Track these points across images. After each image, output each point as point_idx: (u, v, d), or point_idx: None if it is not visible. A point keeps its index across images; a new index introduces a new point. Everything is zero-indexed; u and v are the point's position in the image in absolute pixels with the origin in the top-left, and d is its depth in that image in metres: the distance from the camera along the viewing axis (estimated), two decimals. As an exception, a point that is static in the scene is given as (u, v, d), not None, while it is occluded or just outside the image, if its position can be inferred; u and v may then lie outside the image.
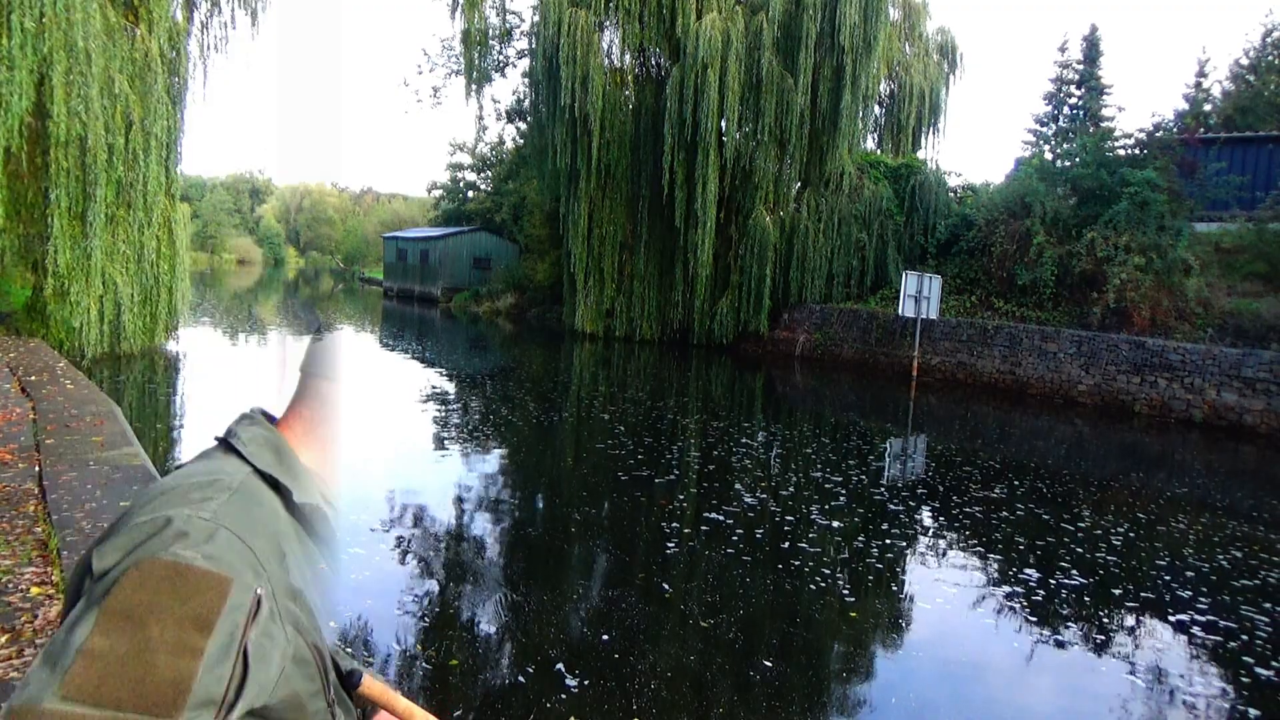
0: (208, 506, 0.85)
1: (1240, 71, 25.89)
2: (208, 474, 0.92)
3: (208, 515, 0.84)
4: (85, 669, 0.74)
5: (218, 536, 0.83)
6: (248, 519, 0.88)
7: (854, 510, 7.62)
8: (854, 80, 19.39)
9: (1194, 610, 5.56)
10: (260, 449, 0.99)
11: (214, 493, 0.88)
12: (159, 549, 0.80)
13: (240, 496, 0.90)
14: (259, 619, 0.82)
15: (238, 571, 0.82)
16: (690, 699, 4.18)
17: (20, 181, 12.24)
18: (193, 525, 0.83)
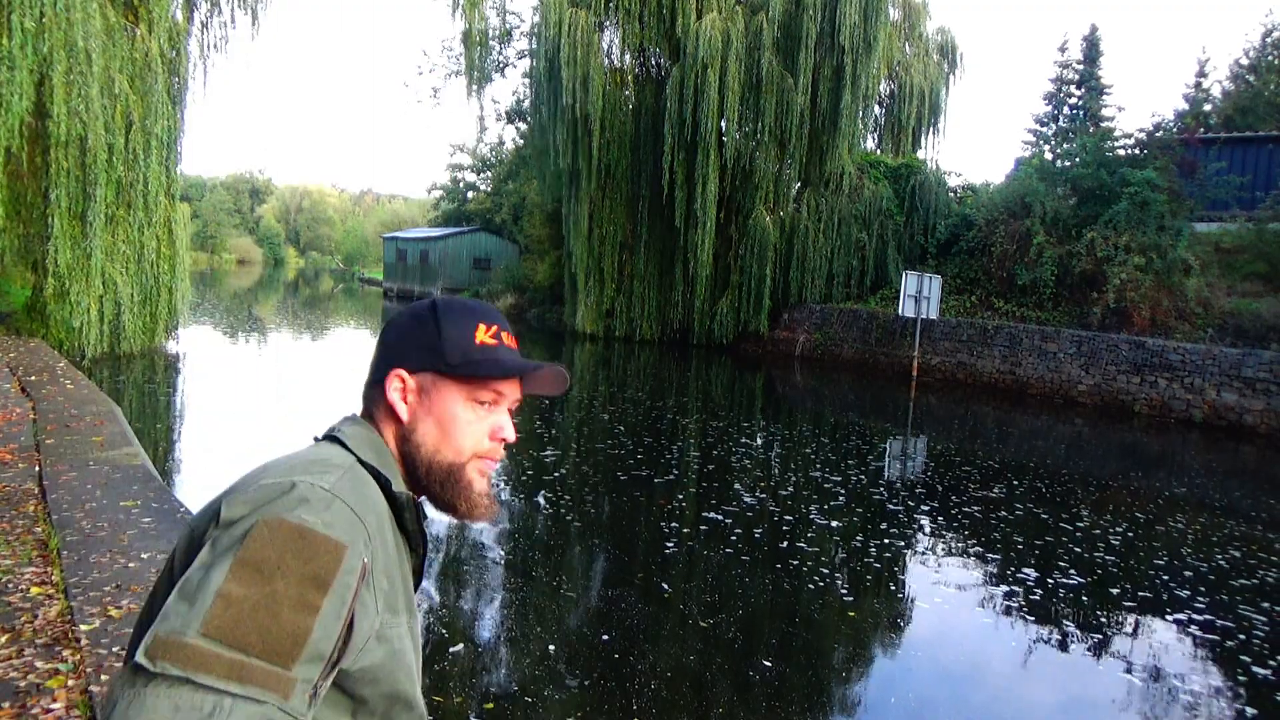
0: (326, 479, 0.91)
1: (1240, 71, 25.90)
2: (318, 455, 0.97)
3: (327, 485, 0.90)
4: (222, 611, 0.79)
5: (335, 506, 0.88)
6: (359, 496, 0.93)
7: (853, 510, 7.63)
8: (854, 80, 19.39)
9: (1193, 610, 5.56)
10: (362, 445, 1.04)
11: (329, 469, 0.93)
12: (284, 510, 0.85)
13: (351, 475, 0.95)
14: (363, 587, 0.88)
15: (351, 540, 0.87)
16: (690, 699, 4.18)
17: (20, 181, 12.24)
18: (314, 493, 0.88)
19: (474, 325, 1.08)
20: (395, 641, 0.95)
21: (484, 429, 1.08)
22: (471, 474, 1.07)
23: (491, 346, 1.08)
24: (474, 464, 1.08)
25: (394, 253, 42.07)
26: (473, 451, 1.07)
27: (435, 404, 1.06)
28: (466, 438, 1.07)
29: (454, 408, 1.06)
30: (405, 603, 0.99)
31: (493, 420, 1.08)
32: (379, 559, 0.93)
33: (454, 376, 1.06)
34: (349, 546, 0.87)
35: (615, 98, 21.50)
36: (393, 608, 0.95)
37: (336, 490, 0.90)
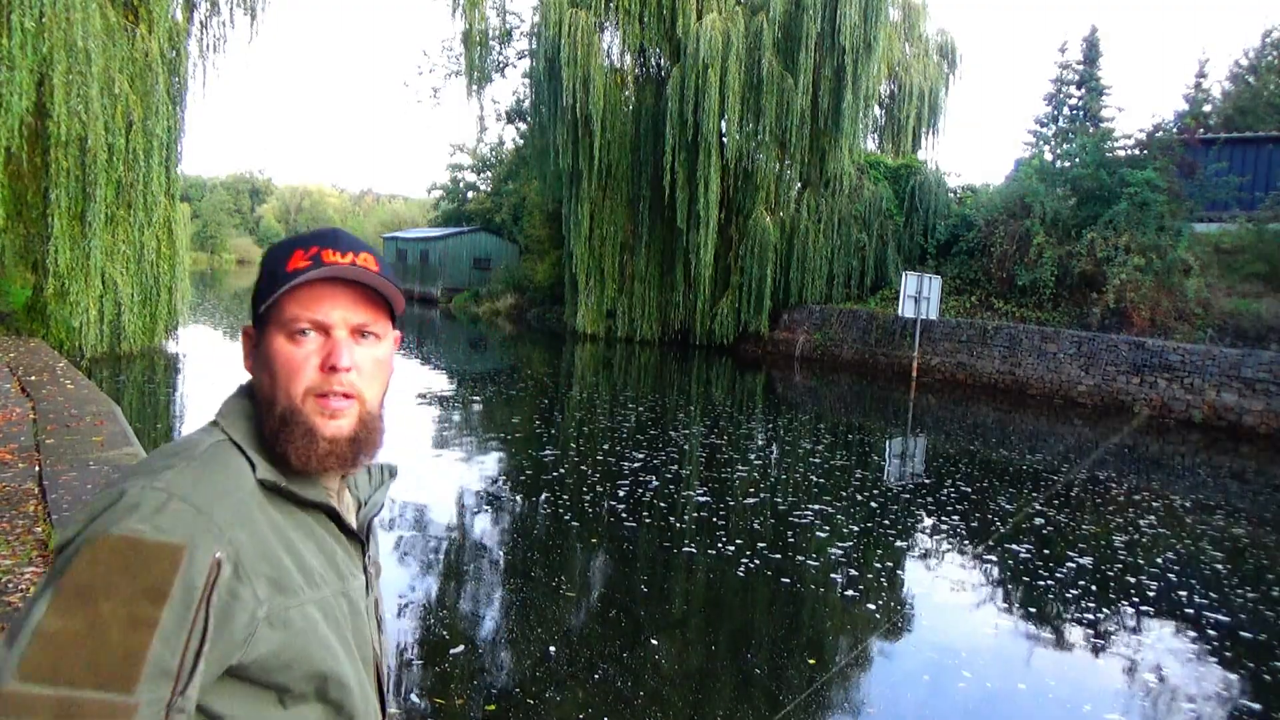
0: (164, 476, 0.85)
1: (1240, 72, 25.90)
2: (181, 444, 0.92)
3: (161, 485, 0.84)
4: (40, 649, 0.75)
5: (169, 506, 0.82)
6: (207, 485, 0.86)
7: (853, 510, 7.62)
8: (854, 81, 19.39)
9: (1191, 609, 5.56)
10: (234, 417, 0.97)
11: (176, 461, 0.87)
12: (111, 523, 0.80)
13: (200, 464, 0.88)
14: (220, 582, 0.82)
15: (192, 538, 0.81)
16: (690, 699, 4.18)
17: (20, 181, 12.24)
18: (145, 496, 0.82)
19: (290, 254, 0.97)
20: (299, 621, 0.89)
21: (312, 363, 0.95)
22: (311, 418, 0.94)
23: (303, 269, 0.95)
24: (311, 405, 0.95)
25: (394, 253, 42.07)
26: (304, 390, 0.95)
27: (263, 350, 0.97)
28: (292, 376, 0.95)
29: (274, 347, 0.96)
30: (306, 579, 0.92)
31: (320, 350, 0.96)
32: (248, 545, 0.86)
33: (270, 314, 0.96)
34: (188, 547, 0.81)
35: (615, 98, 21.50)
36: (284, 588, 0.88)
37: (173, 487, 0.84)
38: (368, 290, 0.99)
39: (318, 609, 0.92)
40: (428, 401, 12.95)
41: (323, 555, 0.96)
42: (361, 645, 1.00)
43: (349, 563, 1.01)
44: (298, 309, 0.95)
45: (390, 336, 1.04)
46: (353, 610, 0.99)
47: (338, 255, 0.96)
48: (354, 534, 1.03)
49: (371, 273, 0.97)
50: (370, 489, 1.15)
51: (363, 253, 0.98)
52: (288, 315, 0.95)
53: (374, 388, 1.00)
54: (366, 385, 0.98)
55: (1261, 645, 5.05)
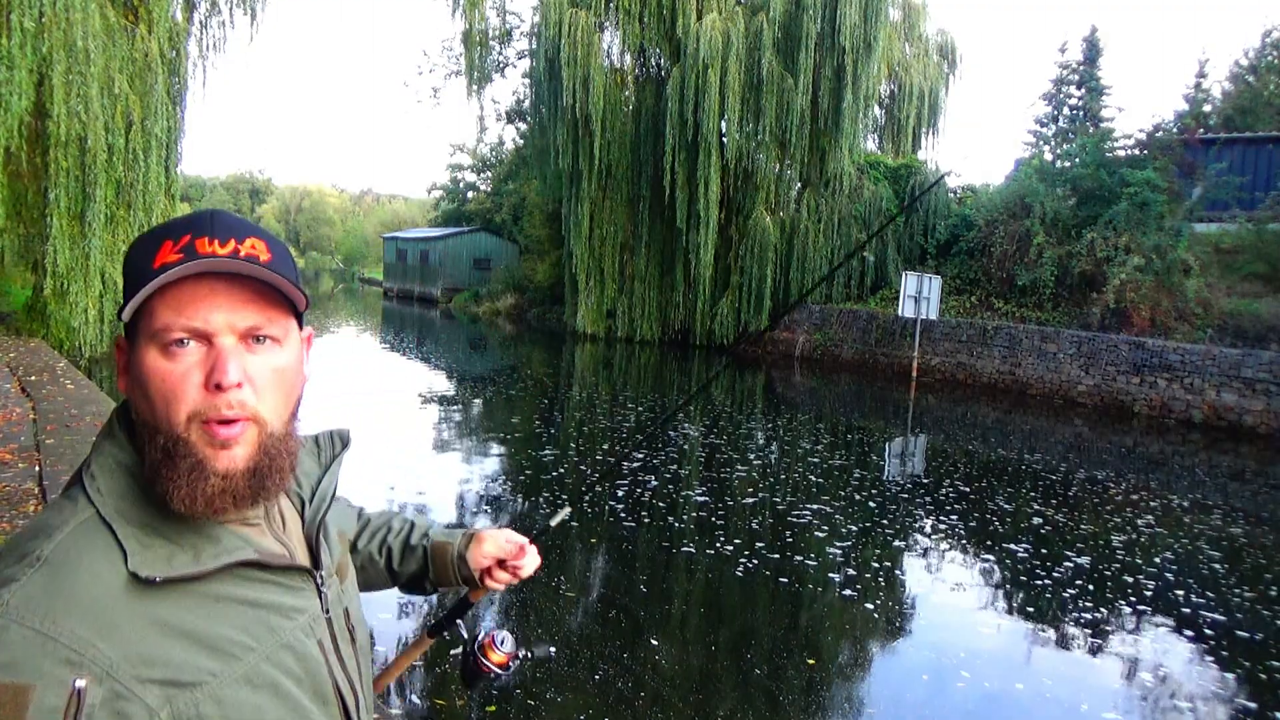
0: (3, 593, 0.70)
1: (1240, 72, 25.90)
2: (32, 533, 0.76)
3: (1, 602, 0.69)
4: None
5: (9, 634, 0.68)
6: (56, 598, 0.70)
7: (852, 510, 7.62)
8: (854, 81, 19.39)
9: (1189, 609, 5.56)
10: (106, 477, 0.79)
11: (18, 571, 0.71)
12: None
13: (49, 569, 0.72)
14: (94, 710, 0.69)
15: (39, 673, 0.67)
16: (691, 699, 4.18)
17: (20, 181, 12.24)
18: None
19: (158, 247, 0.79)
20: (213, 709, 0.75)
21: (194, 380, 0.77)
22: (199, 449, 0.77)
23: (172, 264, 0.77)
24: (198, 433, 0.77)
25: (394, 253, 42.07)
26: (187, 415, 0.77)
27: (134, 365, 0.79)
28: (170, 399, 0.77)
29: (145, 362, 0.78)
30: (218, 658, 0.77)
31: (202, 364, 0.78)
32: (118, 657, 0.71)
33: (138, 323, 0.79)
34: (35, 685, 0.67)
35: (615, 98, 21.50)
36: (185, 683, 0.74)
37: (13, 610, 0.69)
38: (259, 285, 0.80)
39: (241, 682, 0.78)
40: (428, 401, 12.95)
41: (242, 618, 0.80)
42: (320, 687, 0.87)
43: (285, 603, 0.84)
44: (170, 315, 0.77)
45: (295, 338, 0.85)
46: (299, 657, 0.84)
47: (215, 244, 0.78)
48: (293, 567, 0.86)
49: (255, 264, 0.78)
50: (319, 470, 0.98)
51: (249, 238, 0.81)
52: (158, 324, 0.77)
53: (275, 404, 0.81)
54: (265, 402, 0.80)
55: (1258, 645, 5.05)
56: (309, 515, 0.94)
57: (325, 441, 1.01)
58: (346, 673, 0.92)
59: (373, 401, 12.14)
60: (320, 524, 0.94)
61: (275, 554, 0.85)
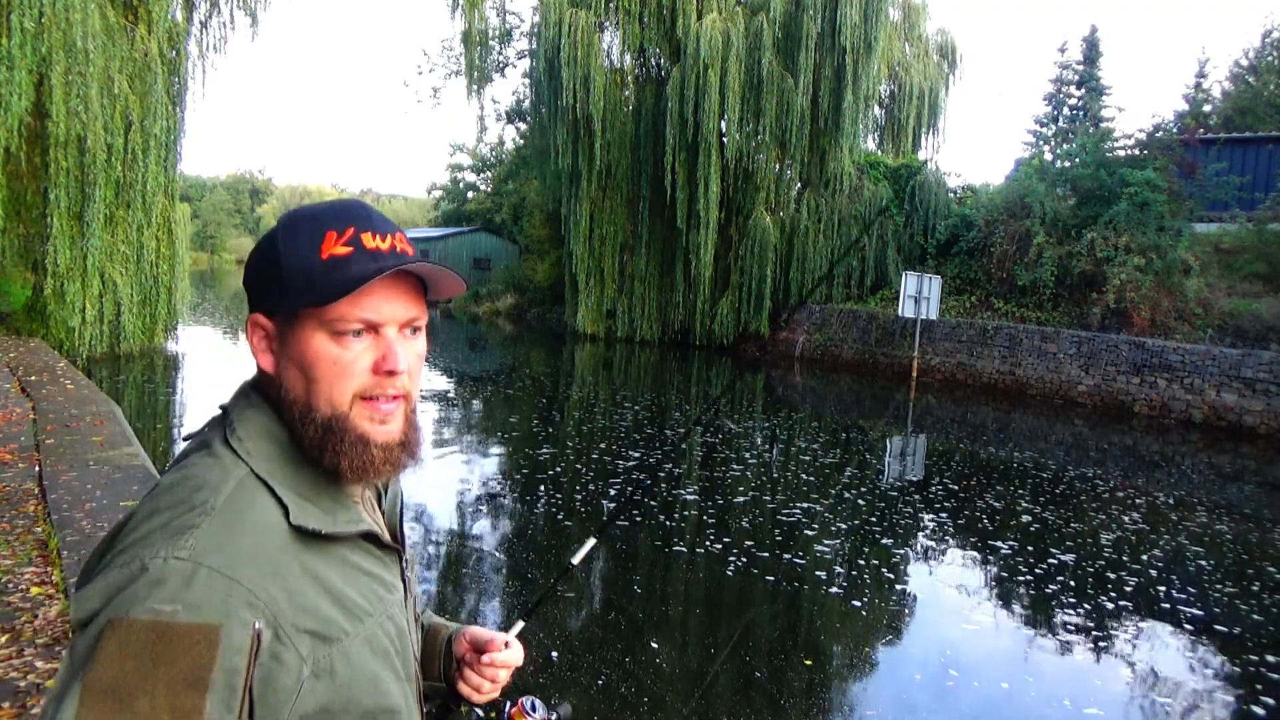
0: (184, 542, 0.75)
1: (1240, 72, 25.90)
2: (194, 486, 0.80)
3: (185, 554, 0.74)
4: None
5: (197, 579, 0.73)
6: (236, 545, 0.76)
7: (852, 510, 7.62)
8: (854, 81, 19.38)
9: (1191, 610, 5.56)
10: (256, 440, 0.85)
11: (194, 518, 0.77)
12: (134, 605, 0.71)
13: (222, 518, 0.77)
14: (261, 651, 0.75)
15: (227, 613, 0.73)
16: (691, 700, 4.18)
17: (20, 182, 12.25)
18: (169, 570, 0.73)
19: (320, 236, 0.85)
20: (343, 668, 0.82)
21: (363, 365, 0.86)
22: (361, 424, 0.86)
23: (343, 258, 0.84)
24: (360, 410, 0.86)
25: (394, 253, 42.03)
26: (353, 394, 0.85)
27: (293, 347, 0.86)
28: (337, 380, 0.85)
29: (314, 346, 0.85)
30: (349, 618, 0.84)
31: (372, 350, 0.86)
32: (285, 604, 0.78)
33: (303, 308, 0.85)
34: (224, 624, 0.73)
35: (615, 98, 21.49)
36: (327, 637, 0.81)
37: (198, 554, 0.74)
38: (413, 279, 0.90)
39: (364, 644, 0.85)
40: (427, 401, 12.95)
41: (363, 585, 0.88)
42: (406, 664, 0.94)
43: (388, 580, 0.92)
44: (347, 307, 0.84)
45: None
46: (399, 631, 0.92)
47: (379, 239, 0.86)
48: (390, 546, 0.94)
49: (429, 263, 0.88)
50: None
51: (397, 232, 0.89)
52: (334, 313, 0.84)
53: (417, 384, 0.92)
54: (413, 383, 0.91)
55: (1246, 641, 5.05)
56: (387, 506, 1.01)
57: None
58: (416, 662, 1.00)
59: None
60: (400, 517, 1.03)
61: (382, 534, 0.93)
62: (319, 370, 0.85)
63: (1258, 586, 6.05)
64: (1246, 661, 4.84)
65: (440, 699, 1.17)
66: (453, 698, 1.17)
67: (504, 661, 1.16)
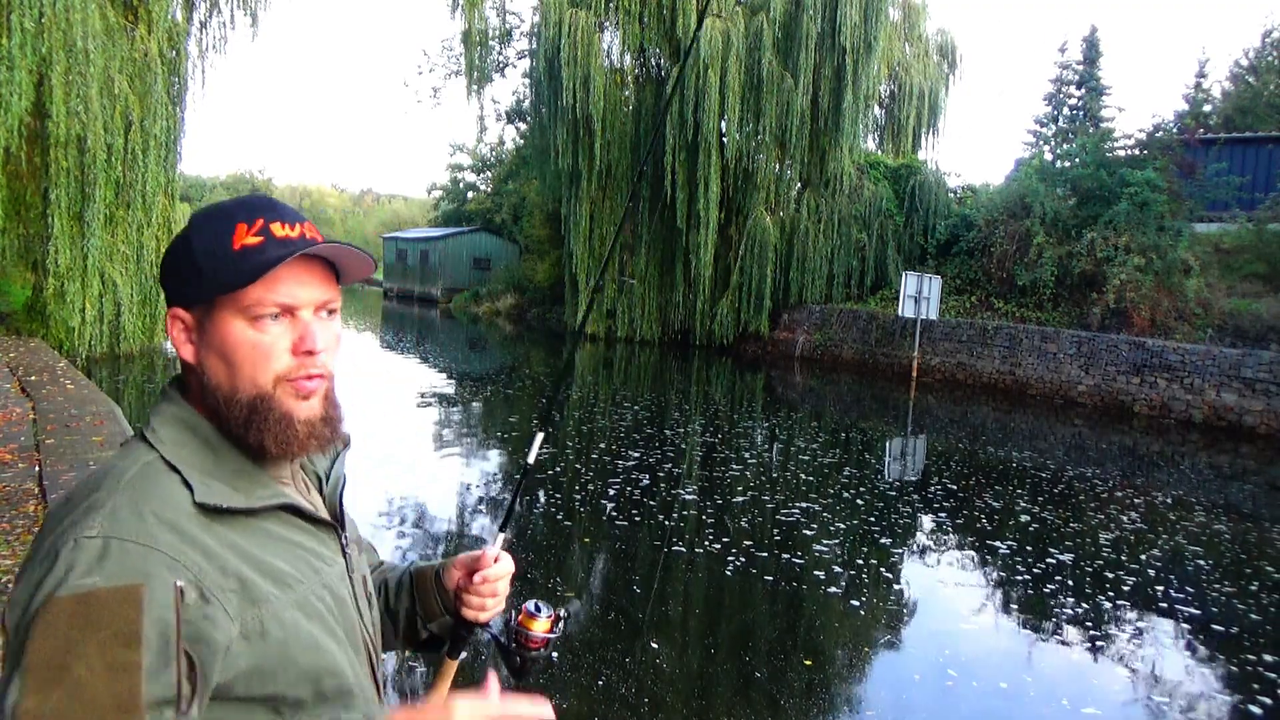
0: (92, 522, 0.78)
1: (1240, 72, 25.90)
2: (100, 475, 0.85)
3: (94, 532, 0.77)
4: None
5: (110, 551, 0.76)
6: (141, 518, 0.79)
7: (851, 511, 7.62)
8: (854, 81, 19.38)
9: (1189, 609, 5.56)
10: (169, 428, 0.89)
11: (99, 499, 0.80)
12: (55, 586, 0.74)
13: (127, 495, 0.81)
14: (188, 609, 0.77)
15: (147, 574, 0.76)
16: (690, 700, 4.18)
17: (20, 182, 12.25)
18: (80, 551, 0.76)
19: (231, 228, 0.89)
20: (275, 629, 0.85)
21: (281, 347, 0.89)
22: (285, 402, 0.90)
23: (254, 247, 0.88)
24: (284, 390, 0.90)
25: (394, 253, 42.05)
26: (275, 376, 0.89)
27: (213, 335, 0.89)
28: (259, 364, 0.89)
29: (233, 333, 0.88)
30: (277, 584, 0.87)
31: (290, 333, 0.90)
32: (207, 566, 0.81)
33: (218, 298, 0.88)
34: (146, 582, 0.76)
35: (615, 98, 21.50)
36: (254, 599, 0.84)
37: (108, 530, 0.78)
38: (324, 263, 0.93)
39: (296, 608, 0.88)
40: (427, 401, 12.95)
41: (290, 555, 0.91)
42: (350, 633, 0.97)
43: (322, 552, 0.96)
44: (261, 292, 0.87)
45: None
46: (337, 600, 0.95)
47: (287, 227, 0.90)
48: (322, 521, 0.97)
49: (340, 245, 0.92)
50: (327, 462, 1.08)
51: (306, 221, 0.93)
52: (249, 299, 0.87)
53: (334, 362, 0.96)
54: (331, 361, 0.95)
55: (1244, 641, 5.05)
56: (328, 490, 1.06)
57: None
58: (370, 633, 1.03)
59: (372, 401, 12.14)
60: (339, 498, 1.06)
61: (307, 507, 0.96)
62: (239, 355, 0.88)
63: (1256, 586, 6.06)
64: (1244, 661, 4.84)
65: (449, 631, 1.23)
66: (462, 625, 1.23)
67: (497, 574, 1.23)
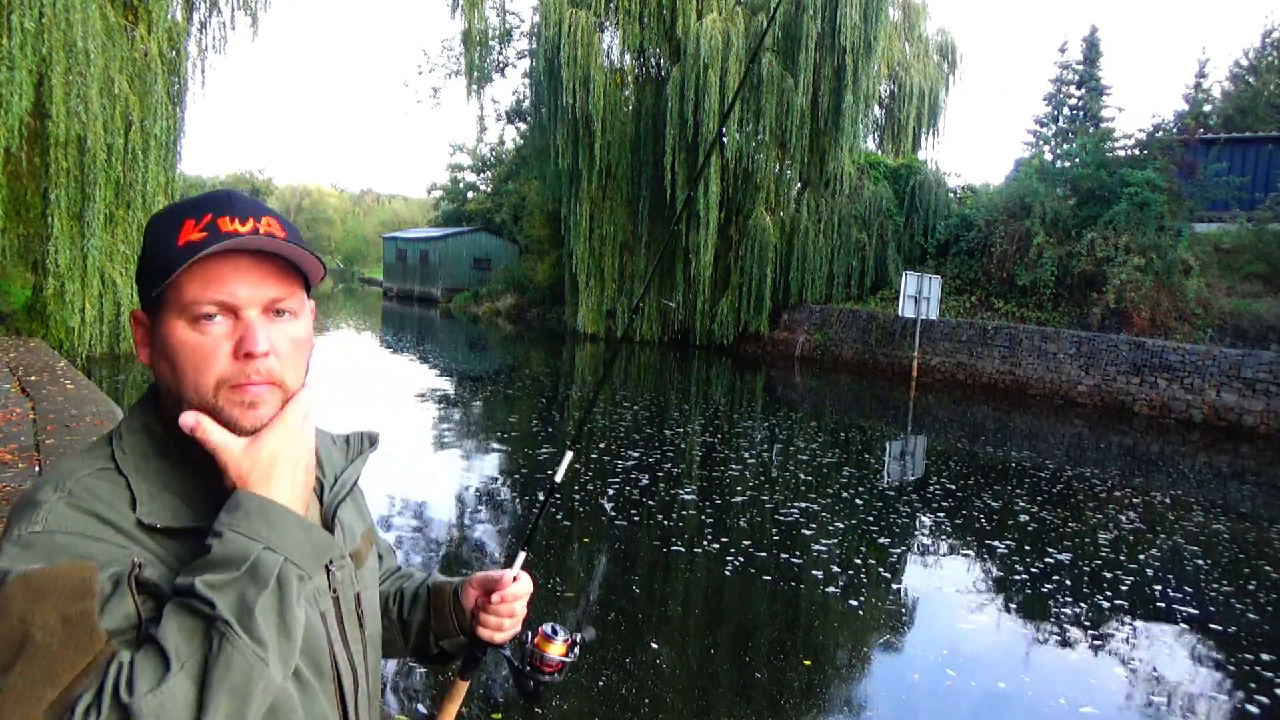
0: (36, 518, 0.76)
1: (1240, 72, 25.91)
2: (54, 471, 0.83)
3: (39, 528, 0.75)
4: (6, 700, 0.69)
5: (55, 542, 0.74)
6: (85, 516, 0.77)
7: (851, 511, 7.62)
8: (854, 81, 19.39)
9: (1187, 609, 5.56)
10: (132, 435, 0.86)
11: (43, 497, 0.78)
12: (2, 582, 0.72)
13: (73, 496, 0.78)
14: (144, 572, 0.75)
15: (94, 553, 0.74)
16: (690, 701, 4.18)
17: (20, 182, 12.25)
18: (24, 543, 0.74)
19: (179, 226, 0.84)
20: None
21: (223, 350, 0.83)
22: (230, 410, 0.83)
23: (196, 242, 0.82)
24: (226, 396, 0.83)
25: (394, 253, 42.06)
26: (216, 382, 0.83)
27: (159, 337, 0.85)
28: (200, 368, 0.83)
29: (175, 334, 0.83)
30: None
31: (230, 335, 0.84)
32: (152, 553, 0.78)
33: (164, 299, 0.83)
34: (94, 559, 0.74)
35: (615, 98, 21.50)
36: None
37: (51, 525, 0.75)
38: (278, 260, 0.86)
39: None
40: (427, 401, 12.95)
41: None
42: (315, 657, 0.89)
43: None
44: (198, 290, 0.82)
45: (307, 310, 0.92)
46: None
47: (237, 222, 0.84)
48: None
49: (280, 240, 0.84)
50: (344, 462, 1.03)
51: (265, 216, 0.86)
52: (187, 298, 0.82)
53: (294, 371, 0.88)
54: (286, 369, 0.86)
55: (1242, 640, 5.05)
56: (327, 499, 0.98)
57: (355, 440, 1.07)
58: (350, 656, 0.95)
59: (371, 400, 12.14)
60: (336, 508, 0.98)
61: None
62: (181, 358, 0.83)
63: (1254, 585, 6.06)
64: (1242, 660, 4.85)
65: (464, 651, 1.21)
66: (477, 646, 1.20)
67: (515, 594, 1.18)
